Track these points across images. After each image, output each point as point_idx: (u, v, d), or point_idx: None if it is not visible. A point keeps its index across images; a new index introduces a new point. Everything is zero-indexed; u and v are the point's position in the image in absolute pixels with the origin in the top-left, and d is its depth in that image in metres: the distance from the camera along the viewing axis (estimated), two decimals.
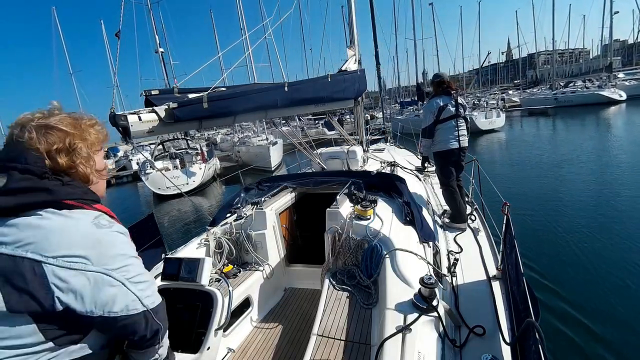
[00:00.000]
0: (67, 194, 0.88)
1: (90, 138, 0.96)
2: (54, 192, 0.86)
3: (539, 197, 8.22)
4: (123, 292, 0.87)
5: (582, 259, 5.10)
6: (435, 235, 2.70)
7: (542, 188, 8.94)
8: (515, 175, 10.53)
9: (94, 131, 0.97)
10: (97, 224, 0.87)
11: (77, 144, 0.91)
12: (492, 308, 1.99)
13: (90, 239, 0.84)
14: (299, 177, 3.84)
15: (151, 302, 0.95)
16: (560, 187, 8.91)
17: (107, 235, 0.88)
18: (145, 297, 0.92)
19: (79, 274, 0.80)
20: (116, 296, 0.85)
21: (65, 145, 0.89)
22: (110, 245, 0.87)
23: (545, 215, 6.91)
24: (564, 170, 10.27)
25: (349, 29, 5.52)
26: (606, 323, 3.65)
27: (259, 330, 2.62)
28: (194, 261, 2.11)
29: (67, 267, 0.79)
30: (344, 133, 5.56)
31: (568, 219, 6.67)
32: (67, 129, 0.90)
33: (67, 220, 0.84)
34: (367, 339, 1.86)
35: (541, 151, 13.78)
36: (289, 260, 3.26)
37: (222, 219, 3.21)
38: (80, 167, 0.92)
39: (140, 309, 0.91)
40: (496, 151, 15.67)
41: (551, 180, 9.52)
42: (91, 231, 0.85)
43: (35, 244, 0.78)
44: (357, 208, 2.63)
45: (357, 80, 4.51)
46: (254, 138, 20.74)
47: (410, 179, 4.01)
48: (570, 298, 4.12)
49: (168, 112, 2.61)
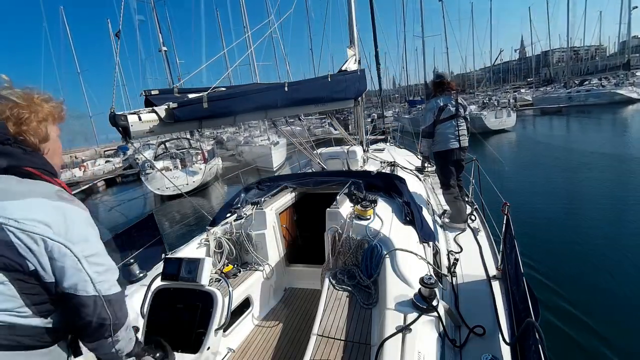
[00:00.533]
0: (28, 161, 0.90)
1: (41, 111, 0.96)
2: (15, 157, 0.87)
3: (541, 197, 8.22)
4: (77, 269, 0.85)
5: (583, 259, 5.10)
6: (435, 235, 2.70)
7: (547, 188, 8.93)
8: (519, 175, 10.49)
9: (47, 106, 0.99)
10: (60, 196, 0.88)
11: (24, 114, 0.92)
12: (492, 308, 1.99)
13: (54, 207, 0.85)
14: (299, 177, 3.84)
15: (105, 288, 0.90)
16: (565, 187, 8.91)
17: (70, 208, 0.88)
18: (100, 281, 0.89)
19: (39, 239, 0.80)
20: (68, 270, 0.84)
21: (12, 113, 0.90)
22: (74, 218, 0.87)
23: (545, 214, 6.91)
24: (570, 172, 10.17)
25: (349, 28, 5.52)
26: (606, 323, 3.64)
27: (259, 330, 2.62)
28: (194, 261, 2.11)
29: (29, 232, 0.79)
30: (344, 133, 5.56)
31: (568, 219, 6.67)
32: (17, 100, 0.92)
33: (31, 185, 0.86)
34: (367, 339, 1.85)
35: (551, 151, 13.52)
36: (289, 260, 3.26)
37: (222, 219, 3.21)
38: (28, 136, 0.93)
39: (91, 292, 0.87)
40: (505, 152, 15.32)
41: (557, 181, 9.49)
42: (55, 201, 0.86)
43: None
44: (357, 208, 2.62)
45: (357, 80, 4.51)
46: (257, 138, 20.54)
47: (410, 179, 4.01)
48: (570, 298, 4.12)
49: (168, 112, 2.61)
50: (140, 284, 2.32)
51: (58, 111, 1.03)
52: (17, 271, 0.80)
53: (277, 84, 3.60)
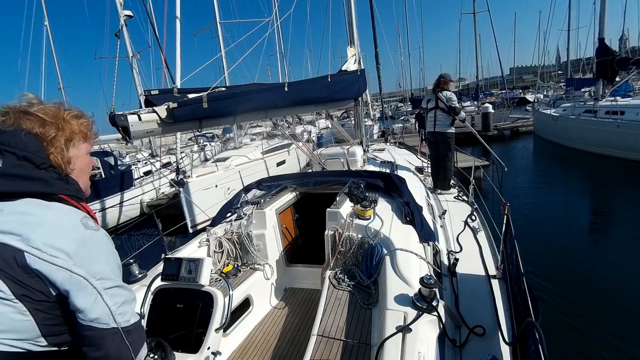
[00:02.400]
0: (61, 188, 0.87)
1: (68, 129, 0.92)
2: (49, 184, 0.84)
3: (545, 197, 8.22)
4: (96, 302, 0.82)
5: (583, 259, 5.10)
6: (435, 235, 2.70)
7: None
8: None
9: (75, 123, 0.94)
10: (85, 224, 0.85)
11: (51, 133, 0.88)
12: (492, 308, 1.99)
13: (76, 236, 0.82)
14: (299, 177, 3.84)
15: (125, 320, 0.88)
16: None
17: (92, 238, 0.85)
18: (119, 313, 0.86)
19: (60, 270, 0.78)
20: (87, 302, 0.81)
21: (38, 132, 0.86)
22: (94, 248, 0.84)
23: (546, 215, 6.91)
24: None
25: (349, 28, 5.52)
26: (607, 323, 3.65)
27: (259, 330, 2.62)
28: (194, 261, 2.11)
29: (50, 262, 0.77)
30: (344, 133, 5.56)
31: (570, 219, 6.67)
32: (45, 117, 0.88)
33: (56, 213, 0.83)
34: (367, 339, 1.85)
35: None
36: (289, 260, 3.26)
37: (222, 219, 3.21)
38: (52, 156, 0.88)
39: (111, 324, 0.84)
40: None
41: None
42: (78, 229, 0.83)
43: (21, 233, 0.76)
44: (357, 208, 2.62)
45: (357, 80, 4.51)
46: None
47: (410, 179, 4.01)
48: (570, 298, 4.12)
49: (168, 112, 2.61)
50: (140, 284, 2.32)
51: (88, 129, 0.99)
52: (37, 301, 0.78)
53: (277, 84, 3.61)
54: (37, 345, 0.80)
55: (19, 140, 0.83)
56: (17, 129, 0.84)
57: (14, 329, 0.77)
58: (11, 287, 0.75)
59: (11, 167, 0.80)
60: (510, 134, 18.43)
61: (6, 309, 0.75)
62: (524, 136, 17.53)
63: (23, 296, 0.76)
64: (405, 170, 4.69)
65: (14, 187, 0.80)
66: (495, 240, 2.95)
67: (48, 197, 0.84)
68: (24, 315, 0.77)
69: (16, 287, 0.76)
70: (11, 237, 0.76)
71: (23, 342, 0.78)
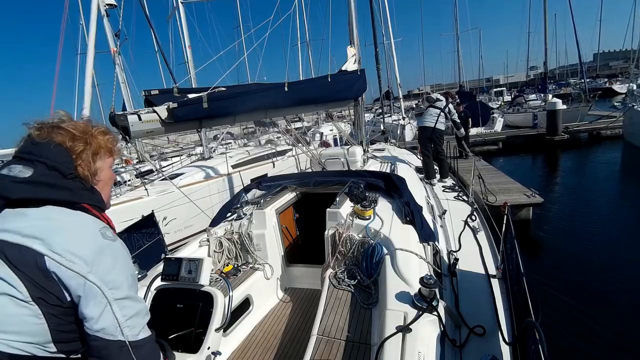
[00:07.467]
0: (86, 197, 0.92)
1: (95, 143, 0.98)
2: (74, 193, 0.90)
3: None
4: (105, 311, 0.82)
5: (583, 259, 5.10)
6: (435, 235, 2.70)
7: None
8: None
9: (102, 139, 1.01)
10: (104, 234, 0.88)
11: (79, 146, 0.94)
12: (492, 308, 1.99)
13: (94, 245, 0.85)
14: (299, 177, 3.84)
15: (133, 333, 0.86)
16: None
17: (110, 247, 0.88)
18: (127, 325, 0.85)
19: (75, 276, 0.81)
20: (96, 311, 0.82)
21: (68, 146, 0.92)
22: (110, 257, 0.87)
23: (546, 215, 6.91)
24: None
25: (349, 28, 5.51)
26: (607, 323, 3.64)
27: (259, 330, 2.62)
28: (194, 261, 2.11)
29: (67, 267, 0.80)
30: (344, 133, 5.56)
31: (570, 219, 6.67)
32: (75, 132, 0.94)
33: (78, 221, 0.88)
34: (367, 339, 1.85)
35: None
36: (289, 260, 3.26)
37: (222, 219, 3.21)
38: (79, 167, 0.94)
39: (118, 336, 0.83)
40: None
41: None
42: (97, 238, 0.87)
43: (43, 237, 0.80)
44: (357, 208, 2.62)
45: (357, 80, 4.51)
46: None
47: (410, 179, 4.01)
48: (570, 298, 4.12)
49: (168, 112, 2.61)
50: (140, 284, 2.31)
51: (113, 144, 1.05)
52: (52, 305, 0.80)
53: (277, 84, 3.60)
54: (45, 350, 0.82)
55: (49, 152, 0.89)
56: (49, 141, 0.90)
57: (27, 331, 0.79)
58: (29, 288, 0.78)
59: (40, 176, 0.86)
60: (588, 139, 13.81)
61: (22, 311, 0.78)
62: (609, 142, 13.02)
63: (39, 299, 0.79)
64: (405, 170, 4.69)
65: (41, 194, 0.85)
66: (495, 240, 2.95)
67: (72, 206, 0.89)
68: (38, 319, 0.79)
69: (34, 289, 0.78)
70: (34, 240, 0.79)
71: (32, 346, 0.80)
